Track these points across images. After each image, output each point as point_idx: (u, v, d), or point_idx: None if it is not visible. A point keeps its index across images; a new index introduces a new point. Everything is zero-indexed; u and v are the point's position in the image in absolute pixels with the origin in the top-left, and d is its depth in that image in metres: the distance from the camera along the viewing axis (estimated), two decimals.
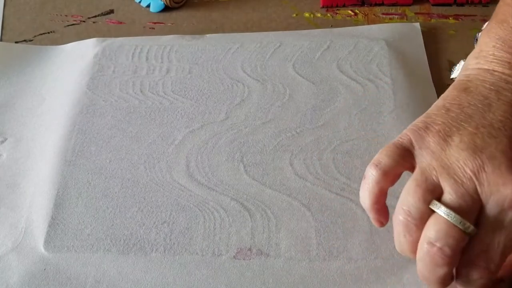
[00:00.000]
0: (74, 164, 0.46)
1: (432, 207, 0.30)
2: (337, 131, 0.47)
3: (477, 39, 0.53)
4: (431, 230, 0.30)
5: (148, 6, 0.62)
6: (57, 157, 0.47)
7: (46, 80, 0.55)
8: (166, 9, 0.62)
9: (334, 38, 0.55)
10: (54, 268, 0.40)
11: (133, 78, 0.53)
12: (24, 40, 0.60)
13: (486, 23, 0.44)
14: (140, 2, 0.63)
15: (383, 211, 0.34)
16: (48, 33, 0.60)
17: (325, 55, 0.53)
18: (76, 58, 0.56)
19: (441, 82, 0.50)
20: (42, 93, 0.53)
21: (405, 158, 0.32)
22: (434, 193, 0.31)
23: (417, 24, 0.56)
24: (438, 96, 0.36)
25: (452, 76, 0.50)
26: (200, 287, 0.39)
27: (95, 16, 0.62)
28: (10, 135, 0.50)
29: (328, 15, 0.60)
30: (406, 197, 0.31)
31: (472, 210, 0.30)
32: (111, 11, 0.63)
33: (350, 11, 0.60)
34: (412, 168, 0.33)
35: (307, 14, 0.60)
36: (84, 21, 0.62)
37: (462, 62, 0.49)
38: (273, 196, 0.43)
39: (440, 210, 0.30)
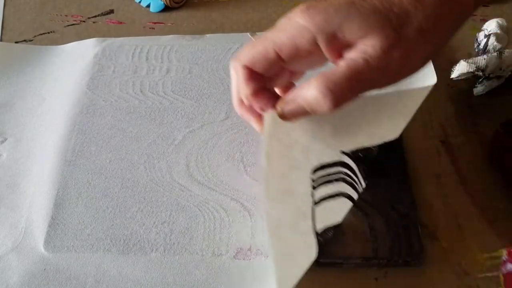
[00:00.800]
0: (74, 164, 0.46)
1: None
2: None
3: (477, 39, 0.53)
4: None
5: (148, 6, 0.62)
6: (57, 157, 0.47)
7: (46, 80, 0.55)
8: (166, 9, 0.62)
9: None
10: (54, 268, 0.40)
11: (133, 78, 0.53)
12: (24, 40, 0.60)
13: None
14: (140, 2, 0.63)
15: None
16: (48, 33, 0.60)
17: None
18: (76, 58, 0.56)
19: (441, 82, 0.49)
20: (42, 93, 0.53)
21: None
22: None
23: None
24: (439, 96, 0.36)
25: (452, 76, 0.50)
26: (200, 287, 0.39)
27: (95, 16, 0.62)
28: (10, 135, 0.50)
29: None
30: None
31: None
32: (111, 11, 0.63)
33: None
34: None
35: None
36: (84, 21, 0.62)
37: (462, 62, 0.49)
38: None
39: None
